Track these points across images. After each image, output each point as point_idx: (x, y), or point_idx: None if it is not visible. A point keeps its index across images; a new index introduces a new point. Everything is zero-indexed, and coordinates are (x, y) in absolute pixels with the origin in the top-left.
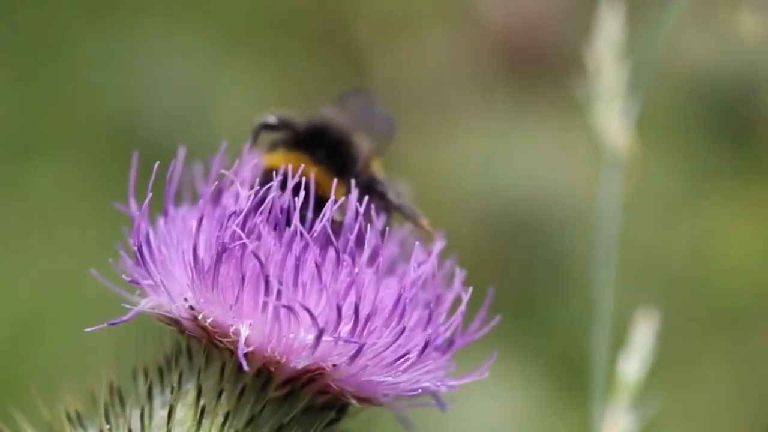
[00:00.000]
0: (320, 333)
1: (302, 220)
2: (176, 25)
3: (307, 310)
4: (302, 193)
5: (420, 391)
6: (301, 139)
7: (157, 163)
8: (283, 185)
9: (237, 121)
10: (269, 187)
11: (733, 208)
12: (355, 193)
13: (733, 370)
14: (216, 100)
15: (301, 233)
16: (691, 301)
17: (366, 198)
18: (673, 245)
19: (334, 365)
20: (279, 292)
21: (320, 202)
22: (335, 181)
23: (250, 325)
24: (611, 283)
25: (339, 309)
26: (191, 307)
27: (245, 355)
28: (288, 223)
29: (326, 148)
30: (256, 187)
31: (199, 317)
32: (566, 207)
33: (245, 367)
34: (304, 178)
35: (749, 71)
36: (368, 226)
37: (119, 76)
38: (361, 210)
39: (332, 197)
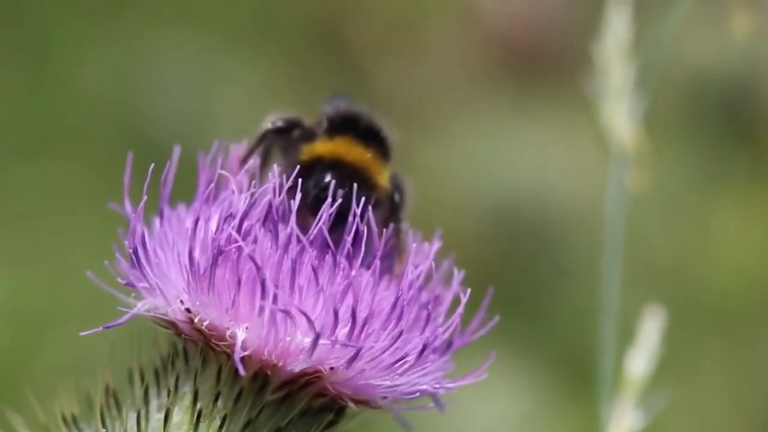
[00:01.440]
0: (317, 336)
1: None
2: (178, 28)
3: (304, 313)
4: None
5: (418, 393)
6: (338, 126)
7: (153, 164)
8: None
9: (241, 122)
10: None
11: (734, 207)
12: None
13: (733, 370)
14: (219, 102)
15: (298, 236)
16: (691, 301)
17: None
18: (673, 244)
19: (332, 368)
20: (275, 296)
21: (369, 186)
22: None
23: (247, 328)
24: (618, 279)
25: (336, 312)
26: (187, 310)
27: (242, 358)
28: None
29: (364, 135)
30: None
31: (195, 320)
32: (568, 205)
33: (242, 372)
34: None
35: (750, 70)
36: (365, 227)
37: (122, 78)
38: (359, 211)
39: (330, 203)
